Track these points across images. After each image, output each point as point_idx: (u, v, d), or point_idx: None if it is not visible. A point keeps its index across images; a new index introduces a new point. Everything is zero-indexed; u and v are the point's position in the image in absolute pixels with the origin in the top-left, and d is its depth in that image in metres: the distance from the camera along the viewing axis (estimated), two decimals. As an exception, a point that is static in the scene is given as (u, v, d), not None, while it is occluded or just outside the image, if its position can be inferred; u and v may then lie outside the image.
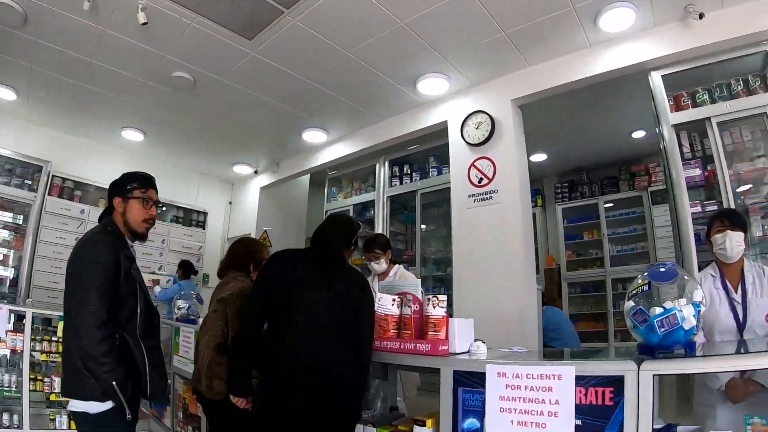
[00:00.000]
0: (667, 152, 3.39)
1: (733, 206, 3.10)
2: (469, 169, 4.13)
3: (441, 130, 4.52)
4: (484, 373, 1.54)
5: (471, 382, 1.59)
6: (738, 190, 3.22)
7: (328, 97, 4.54)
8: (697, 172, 3.38)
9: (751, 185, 3.24)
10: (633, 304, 1.48)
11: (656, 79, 3.52)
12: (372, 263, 3.32)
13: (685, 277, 1.48)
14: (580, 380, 1.36)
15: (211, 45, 3.71)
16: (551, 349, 3.91)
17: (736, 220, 2.26)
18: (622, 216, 6.87)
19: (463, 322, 1.95)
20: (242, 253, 2.69)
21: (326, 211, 6.18)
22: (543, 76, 3.88)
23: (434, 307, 1.90)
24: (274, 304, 1.96)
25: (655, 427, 1.30)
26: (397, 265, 3.45)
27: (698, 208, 3.29)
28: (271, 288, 1.99)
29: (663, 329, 1.36)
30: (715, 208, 3.21)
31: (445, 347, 1.82)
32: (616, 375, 1.31)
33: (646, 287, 1.48)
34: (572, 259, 7.17)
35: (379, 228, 5.36)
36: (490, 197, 3.97)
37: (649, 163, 6.59)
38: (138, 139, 5.82)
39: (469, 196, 4.09)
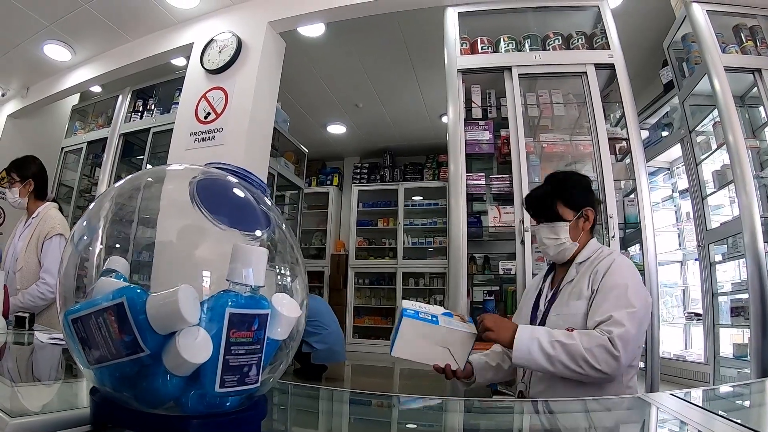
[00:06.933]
0: (450, 108, 2.60)
1: (525, 185, 2.40)
2: (199, 101, 3.16)
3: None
4: None
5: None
6: (534, 164, 2.55)
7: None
8: (486, 136, 2.62)
9: (553, 162, 2.62)
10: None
11: (451, 16, 2.75)
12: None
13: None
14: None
15: None
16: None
17: (537, 205, 1.54)
18: (422, 206, 6.39)
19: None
20: None
21: (62, 149, 4.82)
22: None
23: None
24: None
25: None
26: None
27: (482, 181, 2.54)
28: None
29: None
30: (505, 184, 2.50)
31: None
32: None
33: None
34: (363, 246, 6.48)
35: (106, 173, 4.01)
36: (213, 137, 2.94)
37: (457, 153, 6.20)
38: None
39: (191, 134, 3.05)
